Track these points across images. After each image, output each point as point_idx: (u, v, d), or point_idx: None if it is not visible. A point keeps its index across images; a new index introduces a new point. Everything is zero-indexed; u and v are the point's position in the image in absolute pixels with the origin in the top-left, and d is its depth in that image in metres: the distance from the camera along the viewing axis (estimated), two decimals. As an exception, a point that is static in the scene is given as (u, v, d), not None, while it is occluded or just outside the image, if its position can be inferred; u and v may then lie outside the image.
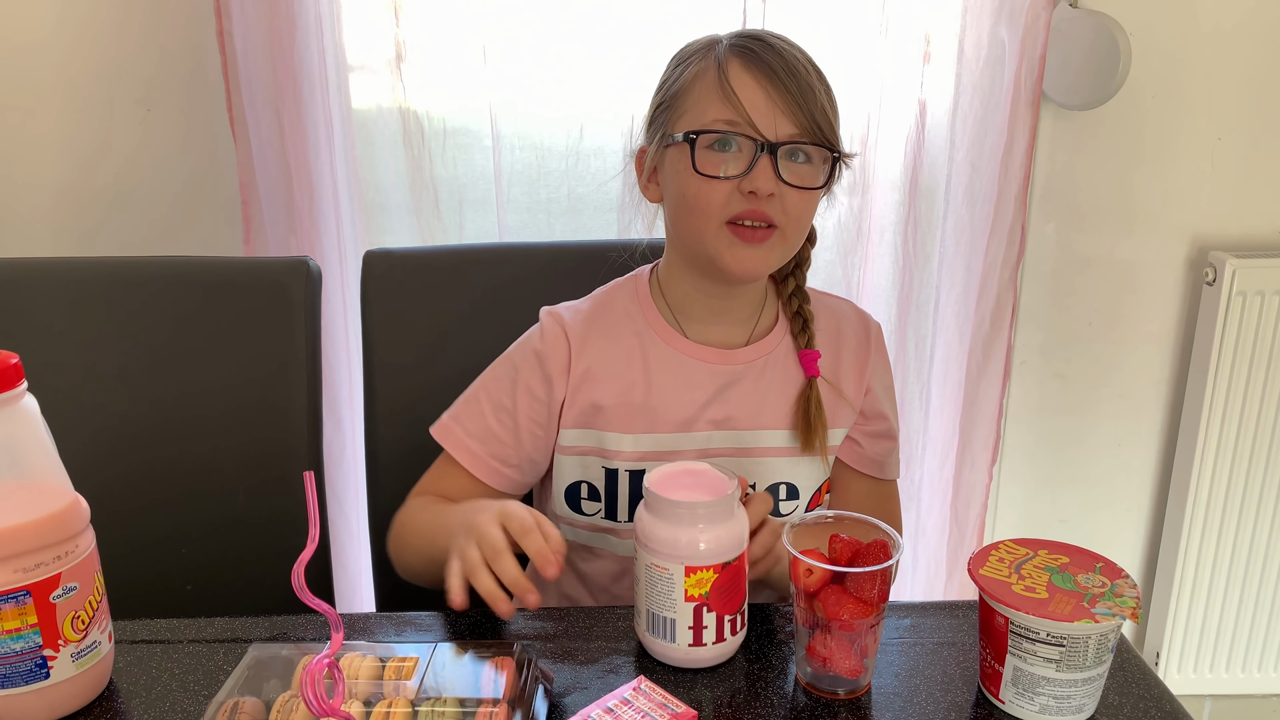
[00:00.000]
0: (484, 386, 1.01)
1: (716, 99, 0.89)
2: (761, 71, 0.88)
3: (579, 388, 0.97)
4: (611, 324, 0.99)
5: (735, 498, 0.78)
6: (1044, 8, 1.44)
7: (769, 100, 0.88)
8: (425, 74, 1.49)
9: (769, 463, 0.98)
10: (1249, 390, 1.67)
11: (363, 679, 0.71)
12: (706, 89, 0.90)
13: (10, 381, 0.70)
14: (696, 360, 0.97)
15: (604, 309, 1.00)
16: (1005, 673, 0.74)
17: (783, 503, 0.98)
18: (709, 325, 0.98)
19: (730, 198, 0.89)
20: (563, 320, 0.99)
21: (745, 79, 0.88)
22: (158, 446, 1.12)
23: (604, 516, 0.98)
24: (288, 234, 1.49)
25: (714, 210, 0.89)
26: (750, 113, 0.88)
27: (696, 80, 0.91)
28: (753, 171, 0.88)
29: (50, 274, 1.13)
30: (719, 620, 0.77)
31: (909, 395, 1.66)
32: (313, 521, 0.62)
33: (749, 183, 0.88)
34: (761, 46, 0.90)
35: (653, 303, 0.99)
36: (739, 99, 0.88)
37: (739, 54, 0.90)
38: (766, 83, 0.88)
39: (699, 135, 0.89)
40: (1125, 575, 0.74)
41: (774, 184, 0.88)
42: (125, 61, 1.51)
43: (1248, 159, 1.64)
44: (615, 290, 1.02)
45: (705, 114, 0.89)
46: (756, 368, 0.98)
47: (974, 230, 1.56)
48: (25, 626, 0.71)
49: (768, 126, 0.88)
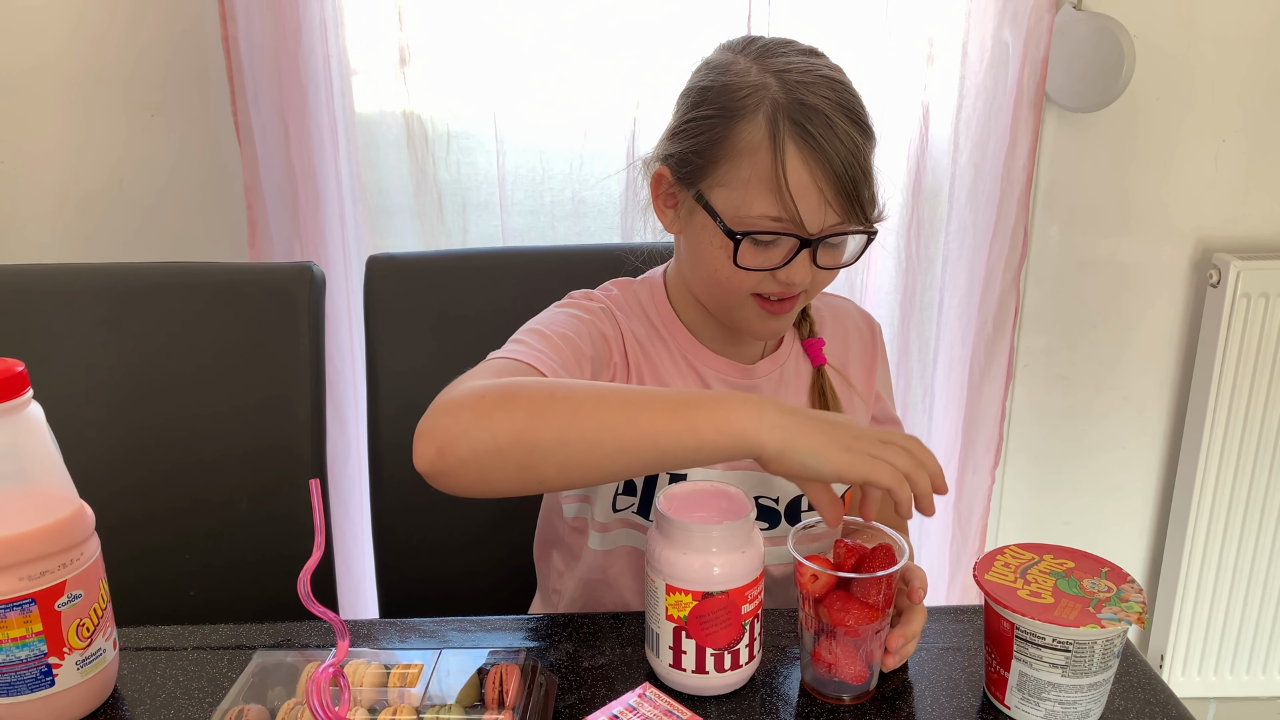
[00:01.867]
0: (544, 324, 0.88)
1: (769, 193, 0.82)
2: (820, 166, 0.80)
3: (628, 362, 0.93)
4: (641, 318, 0.96)
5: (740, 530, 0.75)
6: (1047, 10, 1.44)
7: (821, 199, 0.82)
8: (428, 77, 1.49)
9: None
10: (1253, 392, 1.66)
11: (367, 686, 0.72)
12: (759, 178, 0.82)
13: (15, 389, 0.70)
14: (716, 373, 0.96)
15: (631, 303, 0.97)
16: (1011, 678, 0.73)
17: (805, 514, 0.96)
18: (723, 341, 0.97)
19: (761, 280, 0.86)
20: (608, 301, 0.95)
21: (802, 175, 0.81)
22: (161, 452, 1.12)
23: (635, 511, 0.95)
24: (292, 238, 1.49)
25: (739, 291, 0.87)
26: (802, 213, 0.82)
27: (746, 155, 0.82)
28: (791, 264, 0.84)
29: (54, 280, 1.13)
30: (699, 650, 0.75)
31: (912, 398, 1.66)
32: (318, 529, 0.62)
33: (785, 274, 0.84)
34: (823, 130, 0.80)
35: (671, 310, 0.96)
36: (795, 201, 0.81)
37: (799, 142, 0.81)
38: (822, 179, 0.81)
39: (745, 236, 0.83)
40: (1131, 580, 0.74)
41: (810, 274, 0.85)
42: (130, 66, 1.51)
43: (1252, 161, 1.64)
44: (632, 290, 0.99)
45: (753, 206, 0.82)
46: (774, 379, 0.98)
47: (977, 232, 1.55)
48: (30, 634, 0.71)
49: (815, 223, 0.83)
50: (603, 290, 0.98)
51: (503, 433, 0.70)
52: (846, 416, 0.71)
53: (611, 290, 0.99)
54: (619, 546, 0.97)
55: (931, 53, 1.50)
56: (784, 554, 0.96)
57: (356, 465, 1.59)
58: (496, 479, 0.72)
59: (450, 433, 0.70)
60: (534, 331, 0.86)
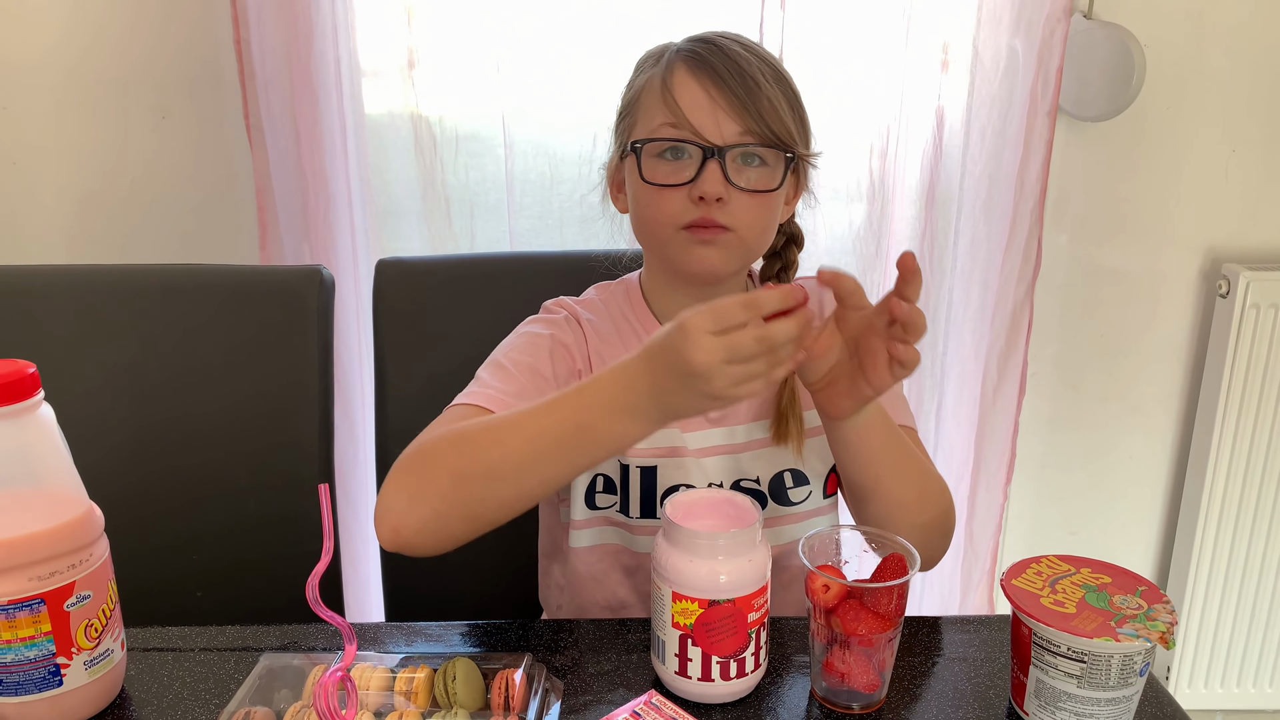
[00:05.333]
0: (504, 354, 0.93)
1: (660, 106, 0.88)
2: (705, 73, 0.87)
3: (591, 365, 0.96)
4: (614, 322, 0.99)
5: (747, 538, 0.74)
6: (1060, 20, 1.43)
7: (711, 102, 0.86)
8: (437, 80, 1.49)
9: (764, 453, 0.97)
10: (1262, 403, 1.66)
11: (373, 690, 0.71)
12: (652, 96, 0.89)
13: (27, 391, 0.70)
14: None
15: (605, 307, 1.00)
16: (1029, 684, 0.73)
17: (791, 490, 0.97)
18: None
19: (684, 206, 0.88)
20: (571, 308, 0.99)
21: (688, 83, 0.87)
22: (170, 454, 1.12)
23: (618, 510, 0.97)
24: (301, 241, 1.50)
25: (668, 219, 0.89)
26: (691, 117, 0.86)
27: (645, 88, 0.91)
28: (700, 177, 0.86)
29: (65, 282, 1.14)
30: (705, 657, 0.75)
31: (924, 414, 1.65)
32: (327, 534, 0.62)
33: (696, 188, 0.86)
34: (708, 49, 0.88)
35: (646, 307, 0.99)
36: (679, 104, 0.87)
37: (684, 58, 0.88)
38: (710, 84, 0.86)
39: (644, 144, 0.88)
40: (1166, 600, 0.73)
41: (722, 188, 0.86)
42: (143, 69, 1.52)
43: (1261, 171, 1.64)
44: (608, 293, 1.02)
45: (651, 121, 0.89)
46: None
47: (990, 245, 1.55)
48: (39, 634, 0.71)
49: (712, 130, 0.86)
50: (582, 295, 1.02)
51: (436, 500, 0.77)
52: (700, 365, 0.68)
53: (590, 294, 1.03)
54: (603, 544, 0.98)
55: (946, 59, 1.49)
56: (776, 535, 0.98)
57: (365, 468, 1.59)
58: (454, 534, 0.79)
59: (396, 512, 0.78)
60: (492, 365, 0.92)
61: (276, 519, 1.12)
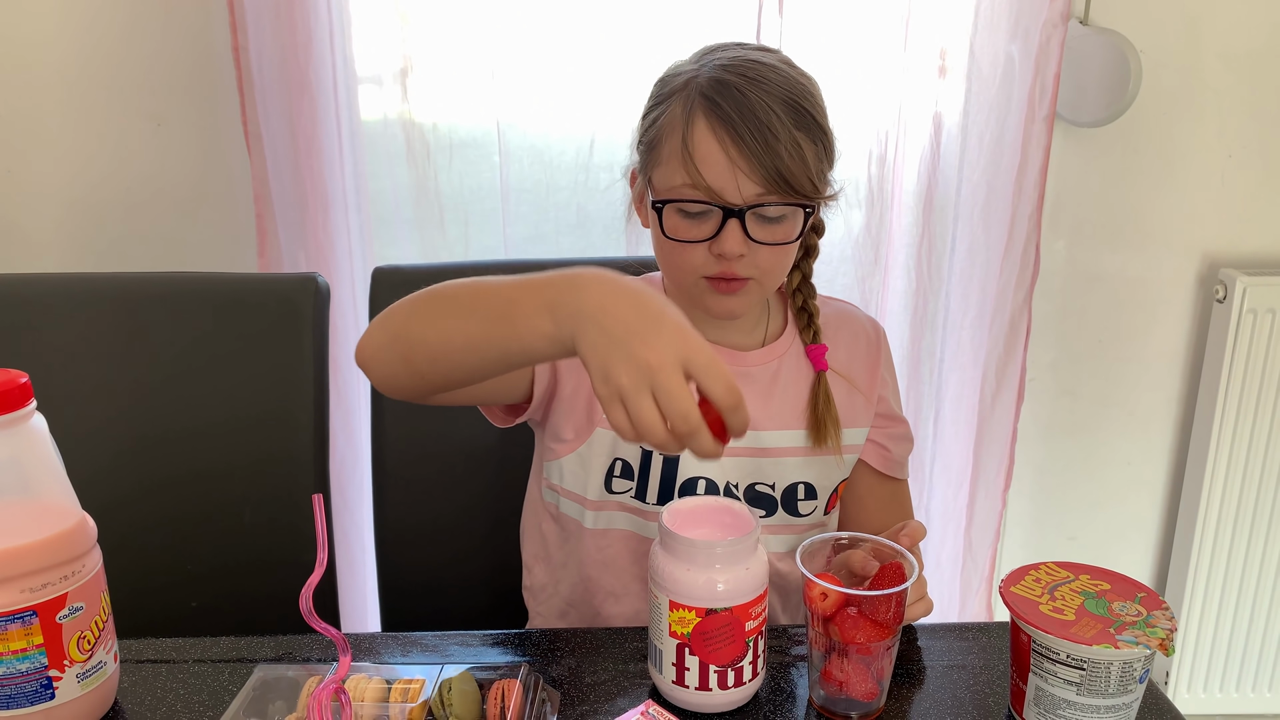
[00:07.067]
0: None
1: (680, 166, 0.86)
2: (724, 130, 0.84)
3: None
4: None
5: (744, 547, 0.74)
6: (1057, 26, 1.43)
7: (730, 164, 0.84)
8: (432, 86, 1.48)
9: (786, 462, 0.97)
10: (1259, 408, 1.66)
11: (369, 701, 0.71)
12: (673, 150, 0.87)
13: (19, 401, 0.70)
14: None
15: None
16: (1028, 692, 0.73)
17: (801, 502, 0.98)
18: (716, 333, 0.98)
19: (705, 259, 0.88)
20: None
21: (708, 141, 0.85)
22: (164, 463, 1.11)
23: (633, 496, 0.97)
24: (298, 248, 1.49)
25: (690, 269, 0.90)
26: (710, 180, 0.85)
27: (668, 133, 0.88)
28: (720, 236, 0.86)
29: (60, 290, 1.13)
30: (702, 667, 0.75)
31: (922, 421, 1.64)
32: (321, 545, 0.61)
33: (717, 246, 0.87)
34: (728, 96, 0.85)
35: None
36: (699, 168, 0.85)
37: (705, 109, 0.85)
38: (729, 142, 0.84)
39: (665, 205, 0.88)
40: (1165, 607, 0.73)
41: (743, 246, 0.87)
42: (140, 76, 1.52)
43: (1258, 176, 1.64)
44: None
45: (672, 179, 0.87)
46: (770, 370, 0.98)
47: (988, 251, 1.54)
48: (31, 647, 0.70)
49: (731, 192, 0.85)
50: None
51: (391, 329, 0.80)
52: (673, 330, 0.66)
53: None
54: (615, 529, 0.98)
55: (943, 65, 1.49)
56: (781, 543, 0.99)
57: (363, 475, 1.58)
58: (394, 371, 0.81)
59: (366, 332, 0.83)
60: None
61: (271, 528, 1.12)
